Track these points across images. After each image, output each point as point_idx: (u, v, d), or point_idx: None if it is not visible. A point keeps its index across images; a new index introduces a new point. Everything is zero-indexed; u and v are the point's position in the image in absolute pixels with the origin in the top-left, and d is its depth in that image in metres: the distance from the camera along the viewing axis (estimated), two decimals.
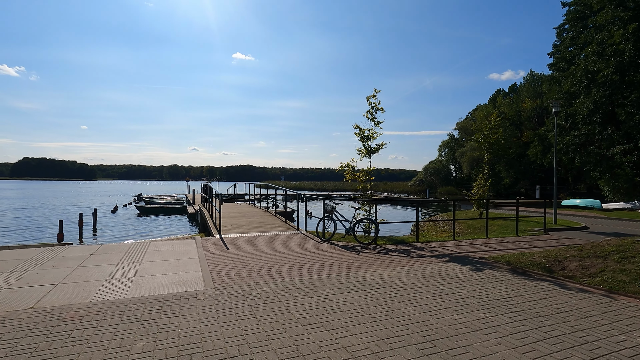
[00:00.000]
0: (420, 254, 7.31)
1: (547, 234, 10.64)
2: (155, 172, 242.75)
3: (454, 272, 5.79)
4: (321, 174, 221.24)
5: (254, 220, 11.68)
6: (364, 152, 10.19)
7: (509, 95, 66.95)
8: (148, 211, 25.61)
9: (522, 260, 6.45)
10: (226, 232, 9.58)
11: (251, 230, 9.94)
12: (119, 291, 4.63)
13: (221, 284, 5.01)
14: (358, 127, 10.19)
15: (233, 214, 13.41)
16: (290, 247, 7.74)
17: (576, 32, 26.56)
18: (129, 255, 6.78)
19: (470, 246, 8.32)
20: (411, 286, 4.98)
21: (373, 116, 10.24)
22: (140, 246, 7.68)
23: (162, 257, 6.60)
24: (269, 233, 9.46)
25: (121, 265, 5.95)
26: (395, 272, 5.77)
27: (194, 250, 7.31)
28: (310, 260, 6.50)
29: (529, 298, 4.53)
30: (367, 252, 7.35)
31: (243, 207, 16.60)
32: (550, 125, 28.82)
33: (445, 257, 6.97)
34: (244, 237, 8.80)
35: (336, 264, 6.30)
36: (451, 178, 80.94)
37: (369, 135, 10.19)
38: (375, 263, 6.39)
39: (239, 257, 6.66)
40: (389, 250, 7.66)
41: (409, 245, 8.34)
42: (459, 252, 7.59)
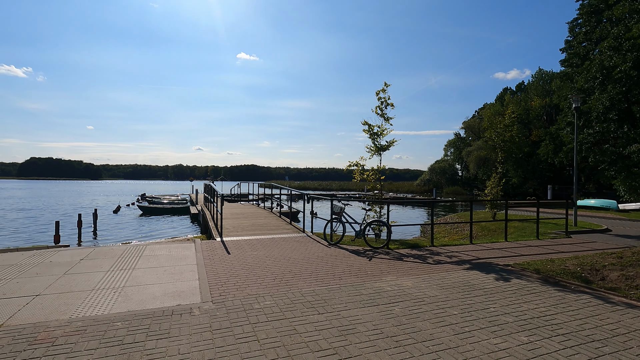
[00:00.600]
0: (437, 260, 6.70)
1: (569, 237, 9.98)
2: (160, 172, 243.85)
3: (479, 282, 5.18)
4: (325, 174, 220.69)
5: (257, 222, 11.14)
6: (373, 150, 9.60)
7: (517, 93, 65.87)
8: (150, 211, 25.20)
9: (552, 268, 5.83)
10: (228, 234, 9.05)
11: (254, 232, 9.40)
12: (104, 305, 4.09)
13: (219, 295, 4.46)
14: (367, 124, 9.60)
15: (236, 215, 12.88)
16: (296, 251, 7.17)
17: (590, 27, 25.68)
18: (121, 260, 6.26)
19: (491, 251, 7.70)
20: (434, 299, 4.38)
21: (383, 112, 9.65)
22: (135, 250, 7.16)
23: (157, 263, 6.06)
24: (273, 236, 8.91)
25: (111, 273, 5.43)
26: (413, 281, 5.18)
27: (192, 255, 6.77)
28: (319, 267, 5.94)
29: (573, 316, 3.92)
30: (379, 258, 6.76)
31: (246, 208, 16.08)
32: (562, 124, 27.94)
33: (466, 264, 6.36)
34: (246, 240, 8.25)
35: (347, 271, 5.72)
36: (457, 178, 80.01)
37: (378, 132, 9.60)
38: (390, 271, 5.80)
39: (241, 263, 6.11)
40: (403, 255, 7.06)
41: (423, 249, 7.73)
42: (480, 257, 6.97)
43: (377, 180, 9.72)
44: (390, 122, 9.67)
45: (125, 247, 7.45)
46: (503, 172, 15.09)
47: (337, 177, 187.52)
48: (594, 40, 25.52)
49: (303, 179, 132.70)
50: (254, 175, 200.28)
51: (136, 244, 8.12)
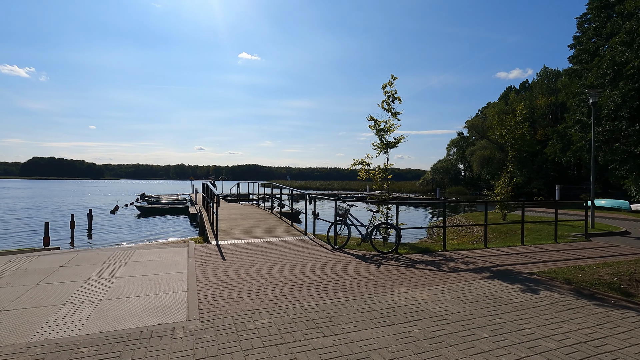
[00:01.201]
0: (453, 267, 6.09)
1: (589, 240, 9.34)
2: (162, 171, 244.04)
3: (504, 295, 4.57)
4: (327, 174, 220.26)
5: (256, 224, 10.55)
6: (380, 147, 8.99)
7: (521, 92, 65.07)
8: (148, 211, 24.65)
9: (585, 278, 5.21)
10: (225, 237, 8.46)
11: (253, 235, 8.81)
12: (73, 324, 3.51)
13: (209, 312, 3.87)
14: (373, 119, 8.99)
15: (234, 216, 12.29)
16: (297, 256, 6.58)
17: (600, 22, 24.96)
18: (105, 267, 5.68)
19: (509, 256, 7.08)
20: (457, 317, 3.78)
21: (390, 106, 9.03)
22: (122, 255, 6.58)
23: (143, 271, 5.48)
24: (272, 239, 8.32)
25: (90, 283, 4.84)
26: (430, 293, 4.57)
27: (183, 261, 6.18)
28: (322, 276, 5.34)
29: (626, 340, 3.31)
30: (388, 264, 6.15)
31: (246, 208, 15.50)
32: (571, 122, 27.21)
33: (486, 272, 5.75)
34: (244, 244, 7.66)
35: (354, 280, 5.12)
36: (460, 177, 79.32)
37: (385, 128, 8.99)
38: (402, 280, 5.19)
39: (236, 271, 5.52)
40: (415, 261, 6.45)
41: (436, 254, 7.12)
42: (499, 264, 6.35)
43: (383, 180, 9.12)
44: (397, 118, 9.07)
45: (112, 252, 6.87)
46: (513, 171, 14.46)
47: (339, 177, 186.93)
48: (604, 36, 24.81)
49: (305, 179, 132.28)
50: (256, 175, 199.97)
51: (125, 248, 7.54)
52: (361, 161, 8.99)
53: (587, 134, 25.07)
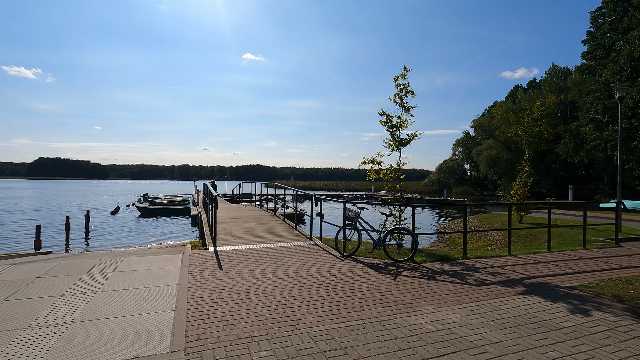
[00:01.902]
0: (479, 279, 5.38)
1: (620, 246, 8.57)
2: (166, 171, 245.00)
3: (549, 317, 3.86)
4: (331, 174, 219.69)
5: (258, 227, 9.89)
6: (393, 145, 8.29)
7: (528, 91, 63.95)
8: (149, 212, 24.12)
9: (637, 294, 4.48)
10: (223, 242, 7.81)
11: (254, 239, 8.15)
12: (30, 356, 2.86)
13: (198, 339, 3.20)
14: (385, 114, 8.29)
15: (235, 219, 11.65)
16: (302, 265, 5.90)
17: (616, 17, 24.03)
18: (87, 278, 5.04)
19: (538, 265, 6.34)
20: (501, 349, 3.07)
21: (402, 100, 8.33)
22: (109, 263, 5.95)
23: (129, 283, 4.84)
24: (276, 244, 7.65)
25: (65, 299, 4.21)
26: (460, 314, 3.87)
27: (176, 271, 5.53)
28: (332, 290, 4.66)
29: None
30: (406, 275, 5.46)
31: (248, 210, 14.86)
32: (585, 120, 26.28)
33: (518, 285, 5.03)
34: (244, 251, 7.00)
35: (369, 296, 4.44)
36: (466, 178, 78.30)
37: (397, 124, 8.29)
38: (425, 296, 4.49)
39: (234, 284, 4.86)
40: (434, 272, 5.75)
41: (456, 263, 6.41)
42: (530, 275, 5.62)
43: (396, 180, 8.42)
44: (410, 113, 8.36)
45: (98, 260, 6.24)
46: (530, 171, 13.68)
47: (343, 177, 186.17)
48: (620, 31, 23.88)
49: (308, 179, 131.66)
50: (260, 175, 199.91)
51: (114, 255, 6.91)
52: (371, 160, 8.30)
53: (603, 132, 24.16)
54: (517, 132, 14.27)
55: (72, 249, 13.41)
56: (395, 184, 8.44)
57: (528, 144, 13.98)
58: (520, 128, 14.14)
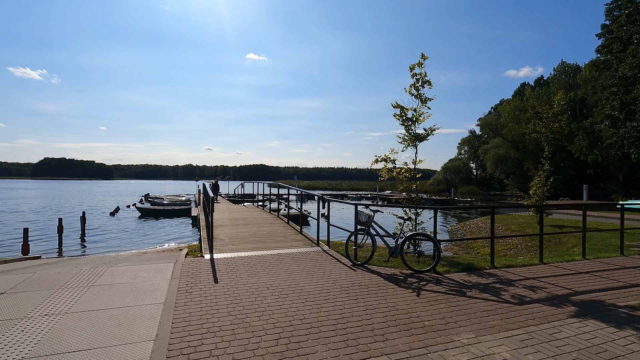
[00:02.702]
0: (517, 295, 4.58)
1: None
2: (170, 171, 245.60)
3: (621, 350, 3.07)
4: (334, 174, 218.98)
5: (260, 230, 9.15)
6: (408, 140, 7.51)
7: (535, 88, 62.77)
8: (149, 213, 23.48)
9: None
10: (222, 248, 7.08)
11: (256, 245, 7.41)
12: None
13: None
14: (399, 106, 7.51)
15: (235, 221, 10.92)
16: (309, 277, 5.15)
17: (634, 8, 23.00)
18: (59, 294, 4.32)
19: (578, 277, 5.54)
20: None
21: (419, 92, 7.55)
22: (90, 274, 5.24)
23: (106, 301, 4.11)
24: (279, 251, 6.90)
25: (25, 323, 3.49)
26: (509, 347, 3.09)
27: (164, 284, 4.80)
28: (346, 310, 3.90)
29: None
30: (430, 290, 4.68)
31: (250, 211, 14.13)
32: (600, 116, 25.28)
33: (566, 304, 4.24)
34: (244, 259, 6.26)
35: (391, 319, 3.67)
36: (472, 177, 77.25)
37: (413, 117, 7.51)
38: (459, 319, 3.72)
39: (230, 302, 4.11)
40: (462, 285, 4.97)
41: (484, 274, 5.62)
42: (575, 290, 4.82)
43: (411, 180, 7.65)
44: (427, 105, 7.58)
45: (78, 271, 5.51)
46: (550, 169, 12.81)
47: (347, 177, 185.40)
48: (638, 23, 22.85)
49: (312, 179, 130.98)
50: (263, 175, 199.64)
51: (98, 264, 6.20)
52: (385, 157, 7.52)
53: (619, 129, 23.17)
54: (535, 128, 13.42)
55: (65, 252, 12.77)
56: (410, 183, 7.67)
57: (548, 141, 13.12)
58: (539, 124, 13.30)
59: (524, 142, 53.51)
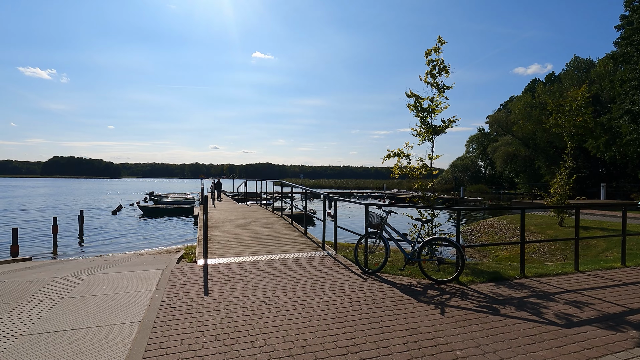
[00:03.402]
0: (562, 313, 3.84)
1: None
2: (177, 170, 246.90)
3: None
4: (340, 172, 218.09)
5: (261, 232, 8.49)
6: (424, 133, 6.78)
7: (547, 84, 61.29)
8: (152, 212, 23.01)
9: None
10: (218, 252, 6.43)
11: (255, 249, 6.75)
12: None
13: None
14: (413, 95, 6.78)
15: (235, 221, 10.28)
16: (314, 288, 4.47)
17: None
18: (21, 309, 3.70)
19: (625, 289, 4.77)
20: None
21: (435, 79, 6.81)
22: (65, 283, 4.62)
23: (73, 320, 3.47)
24: (281, 255, 6.23)
25: None
26: None
27: (146, 296, 4.16)
28: (357, 333, 3.21)
29: None
30: (456, 306, 3.97)
31: (252, 211, 13.51)
32: (619, 112, 24.16)
33: (626, 327, 3.49)
34: (241, 265, 5.60)
35: (414, 346, 2.98)
36: (480, 175, 76.01)
37: (429, 108, 6.77)
38: (499, 348, 3.00)
39: (219, 322, 3.45)
40: (493, 299, 4.24)
41: (515, 284, 4.88)
42: (629, 307, 4.07)
43: (427, 177, 6.92)
44: (444, 95, 6.83)
45: (53, 279, 4.90)
46: (573, 166, 11.96)
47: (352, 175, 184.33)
48: None
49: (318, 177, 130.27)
50: (269, 173, 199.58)
51: (79, 270, 5.59)
52: (398, 152, 6.79)
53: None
54: (557, 122, 12.56)
55: (60, 253, 12.28)
56: (426, 181, 6.93)
57: (570, 136, 12.26)
58: (561, 117, 12.44)
59: (535, 140, 52.19)
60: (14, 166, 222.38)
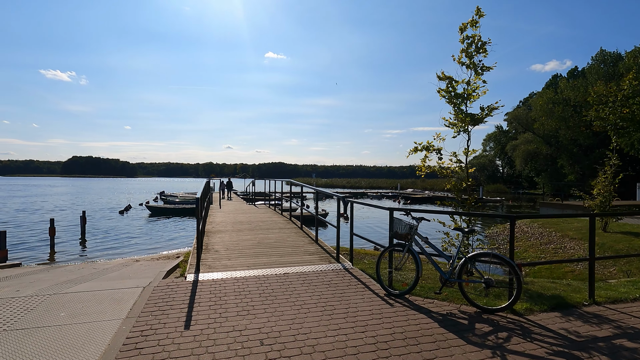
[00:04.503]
0: None
1: None
2: (192, 169, 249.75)
3: None
4: (353, 171, 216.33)
5: (267, 238, 7.51)
6: (458, 123, 5.68)
7: (569, 80, 58.41)
8: (160, 212, 22.42)
9: None
10: (213, 265, 5.48)
11: (258, 260, 5.77)
12: None
13: None
14: (446, 77, 5.68)
15: (239, 225, 9.34)
16: (326, 319, 3.46)
17: None
18: None
19: None
20: None
21: (471, 59, 5.69)
22: (16, 309, 3.74)
23: None
24: (287, 269, 5.23)
25: None
26: None
27: (110, 328, 3.23)
28: None
29: None
30: (521, 352, 2.89)
31: (259, 212, 12.59)
32: None
33: None
34: (238, 282, 4.63)
35: None
36: (498, 175, 73.63)
37: (464, 93, 5.66)
38: None
39: None
40: (569, 340, 3.13)
41: (588, 316, 3.75)
42: None
43: (462, 178, 5.82)
44: (481, 78, 5.70)
45: (8, 301, 4.03)
46: (619, 164, 10.57)
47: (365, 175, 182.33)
48: None
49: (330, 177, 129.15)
50: (282, 173, 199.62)
51: (47, 286, 4.72)
52: (427, 145, 5.71)
53: None
54: (599, 115, 11.18)
55: (58, 257, 11.63)
56: (460, 182, 5.82)
57: (615, 130, 10.88)
58: (603, 109, 11.06)
59: (557, 137, 49.82)
60: (35, 166, 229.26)
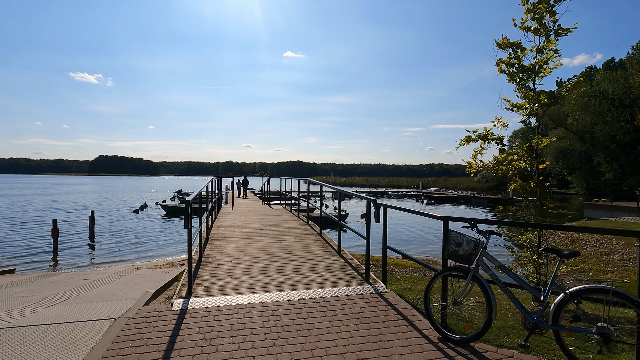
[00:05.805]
0: None
1: None
2: (212, 168, 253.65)
3: None
4: (371, 170, 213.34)
5: (280, 247, 6.37)
6: (528, 104, 4.35)
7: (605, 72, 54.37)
8: (174, 211, 21.82)
9: None
10: (211, 284, 4.40)
11: (267, 277, 4.65)
12: None
13: None
14: (510, 44, 4.36)
15: (250, 229, 8.26)
16: None
17: None
18: None
19: None
20: None
21: (541, 23, 4.34)
22: None
23: None
24: (302, 293, 4.07)
25: None
26: None
27: None
28: None
29: None
30: None
31: (273, 214, 11.51)
32: None
33: None
34: (239, 312, 3.51)
35: None
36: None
37: (533, 66, 4.33)
38: None
39: None
40: None
41: None
42: None
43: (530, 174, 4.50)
44: (555, 49, 4.33)
45: None
46: None
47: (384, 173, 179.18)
48: None
49: (349, 175, 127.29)
50: (300, 171, 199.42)
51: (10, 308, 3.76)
52: (484, 133, 4.43)
53: None
54: None
55: (60, 261, 10.99)
56: (527, 181, 4.50)
57: None
58: None
59: (592, 133, 46.45)
60: (65, 165, 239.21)
